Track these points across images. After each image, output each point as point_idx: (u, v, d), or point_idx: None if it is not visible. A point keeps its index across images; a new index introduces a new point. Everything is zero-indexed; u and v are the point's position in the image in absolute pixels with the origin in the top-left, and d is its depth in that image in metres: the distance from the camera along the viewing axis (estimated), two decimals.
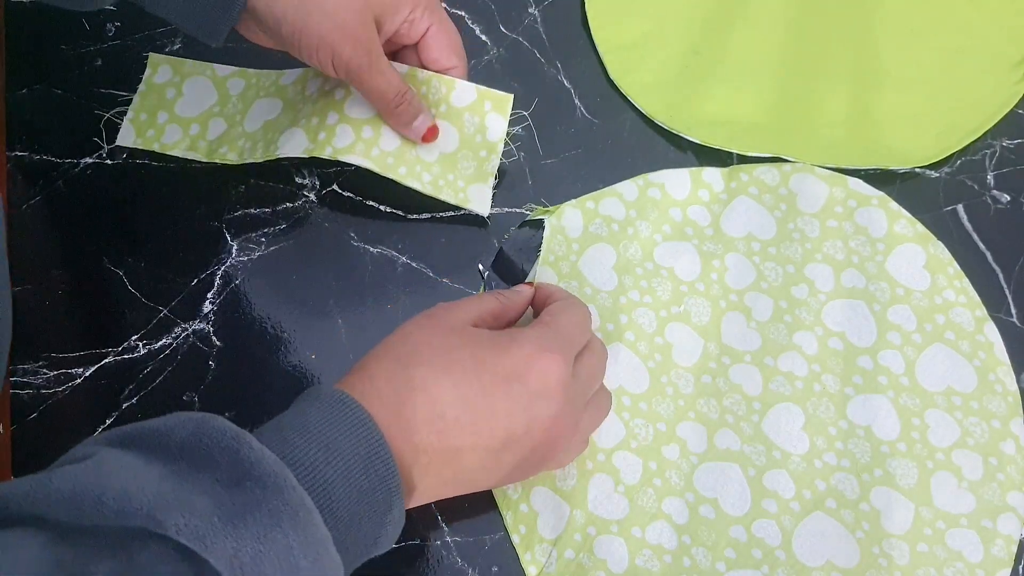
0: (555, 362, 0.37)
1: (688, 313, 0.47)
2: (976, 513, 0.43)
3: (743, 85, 0.54)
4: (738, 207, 0.50)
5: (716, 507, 0.43)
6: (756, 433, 0.45)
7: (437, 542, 0.43)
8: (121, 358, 0.47)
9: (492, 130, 0.49)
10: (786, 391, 0.46)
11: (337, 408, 0.34)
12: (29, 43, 0.57)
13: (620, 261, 0.49)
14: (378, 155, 0.48)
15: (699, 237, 0.49)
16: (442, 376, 0.36)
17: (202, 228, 0.50)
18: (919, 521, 0.43)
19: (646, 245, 0.49)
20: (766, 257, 0.49)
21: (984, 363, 0.46)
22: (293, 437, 0.32)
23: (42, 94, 0.55)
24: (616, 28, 0.56)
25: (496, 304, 0.42)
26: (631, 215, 0.50)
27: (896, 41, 0.55)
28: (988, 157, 0.52)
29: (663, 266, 0.48)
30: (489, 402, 0.36)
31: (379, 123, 0.48)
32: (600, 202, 0.50)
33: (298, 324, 0.48)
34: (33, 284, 0.49)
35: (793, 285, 0.48)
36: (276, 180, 0.52)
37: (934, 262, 0.48)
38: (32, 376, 0.46)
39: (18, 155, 0.53)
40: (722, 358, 0.46)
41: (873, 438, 0.44)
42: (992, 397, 0.45)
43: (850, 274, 0.48)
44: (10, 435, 0.45)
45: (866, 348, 0.46)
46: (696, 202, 0.50)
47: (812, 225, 0.49)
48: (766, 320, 0.47)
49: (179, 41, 0.56)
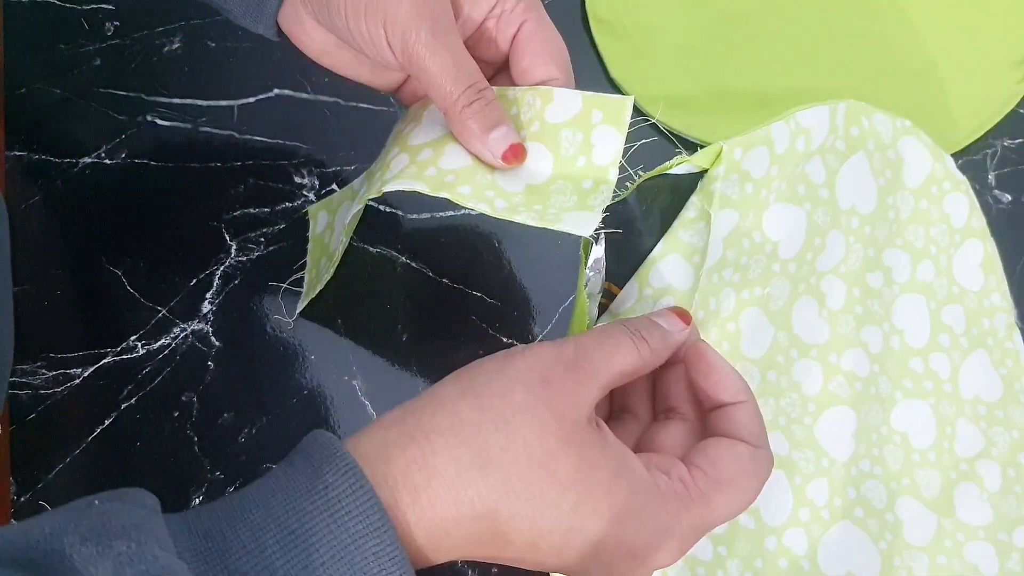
0: (660, 569, 0.29)
1: (769, 297, 0.40)
2: (993, 525, 0.41)
3: (744, 85, 0.54)
4: (853, 166, 0.42)
5: (757, 517, 0.41)
6: (807, 438, 0.41)
7: None
8: (120, 358, 0.47)
9: (601, 150, 0.35)
10: (843, 393, 0.42)
11: (348, 507, 0.26)
12: (28, 42, 0.56)
13: (735, 230, 0.38)
14: (434, 174, 0.35)
15: (812, 200, 0.40)
16: (522, 517, 0.27)
17: (201, 228, 0.50)
18: (941, 533, 0.41)
19: (760, 207, 0.39)
20: (859, 237, 0.42)
21: (1010, 371, 0.44)
22: (274, 551, 0.25)
23: (41, 93, 0.54)
24: (617, 28, 0.55)
25: (634, 360, 0.31)
26: (772, 172, 0.38)
27: (896, 41, 0.54)
28: (989, 157, 0.52)
29: (769, 239, 0.39)
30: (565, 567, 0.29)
31: (442, 142, 0.36)
32: (749, 151, 0.37)
33: (297, 324, 0.48)
34: (31, 284, 0.49)
35: (870, 271, 0.43)
36: (275, 180, 0.51)
37: (989, 262, 0.45)
38: (31, 376, 0.46)
39: (17, 155, 0.52)
40: (790, 351, 0.42)
41: (907, 445, 0.42)
42: (1016, 407, 0.43)
43: (925, 266, 0.44)
44: (8, 436, 0.45)
45: (919, 349, 0.43)
46: (820, 151, 0.40)
47: (907, 203, 0.44)
48: (838, 309, 0.42)
49: (178, 40, 0.55)
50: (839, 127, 0.41)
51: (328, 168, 0.52)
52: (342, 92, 0.53)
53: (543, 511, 0.27)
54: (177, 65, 0.54)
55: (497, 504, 0.27)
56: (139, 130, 0.53)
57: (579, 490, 0.28)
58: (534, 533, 0.27)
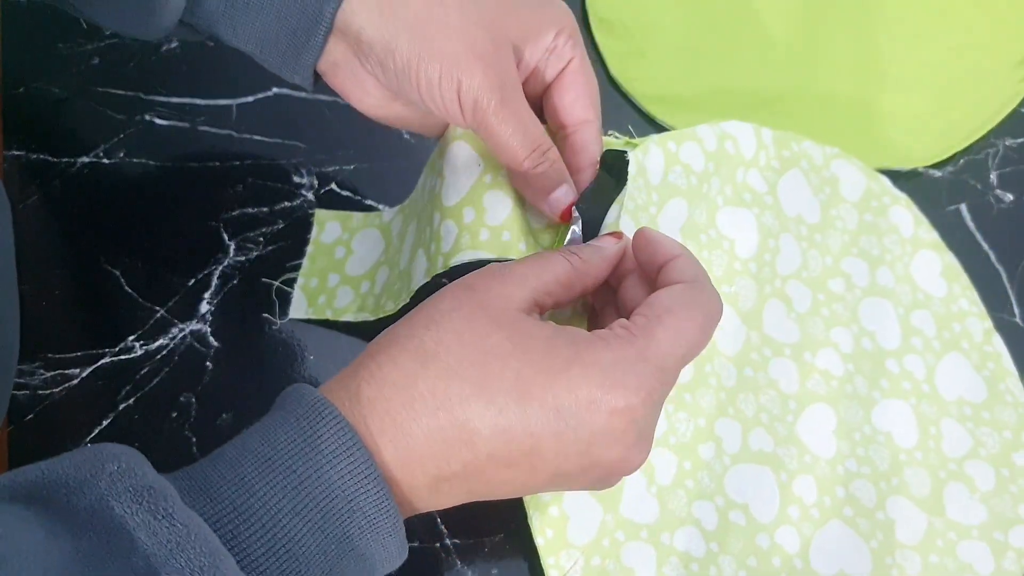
0: (628, 413, 0.29)
1: (736, 295, 0.43)
2: (988, 525, 0.42)
3: (744, 84, 0.53)
4: (791, 180, 0.46)
5: (747, 513, 0.41)
6: (790, 435, 0.43)
7: (436, 544, 0.43)
8: (118, 359, 0.47)
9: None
10: (821, 391, 0.44)
11: (318, 429, 0.27)
12: (26, 42, 0.56)
13: (688, 223, 0.41)
14: (488, 238, 0.37)
15: (759, 205, 0.44)
16: (473, 397, 0.28)
17: (199, 228, 0.50)
18: (932, 532, 0.42)
19: (711, 208, 0.43)
20: (812, 244, 0.46)
21: (993, 373, 0.45)
22: (252, 476, 0.26)
23: (39, 93, 0.54)
24: (617, 27, 0.55)
25: (566, 269, 0.32)
26: (709, 168, 0.42)
27: (898, 41, 0.54)
28: (991, 156, 0.52)
29: (725, 236, 0.43)
30: (534, 441, 0.29)
31: (476, 196, 0.38)
32: (681, 145, 0.42)
33: (296, 325, 0.47)
34: (30, 284, 0.48)
35: (830, 278, 0.46)
36: (274, 179, 0.51)
37: (949, 270, 0.47)
38: (29, 377, 0.46)
39: (15, 154, 0.52)
40: (763, 349, 0.44)
41: (893, 445, 0.43)
42: (1003, 408, 0.44)
43: (883, 272, 0.46)
44: (7, 436, 0.45)
45: (892, 351, 0.45)
46: (755, 164, 0.45)
47: (852, 216, 0.47)
48: (805, 312, 0.45)
49: (176, 40, 0.55)
50: (768, 145, 0.45)
51: (327, 168, 0.51)
52: None
53: (492, 386, 0.28)
54: (175, 64, 0.54)
55: (447, 392, 0.28)
56: (137, 129, 0.53)
57: (519, 356, 0.29)
58: (492, 416, 0.28)
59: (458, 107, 0.35)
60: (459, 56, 0.34)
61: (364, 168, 0.51)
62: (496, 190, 0.38)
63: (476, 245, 0.36)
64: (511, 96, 0.35)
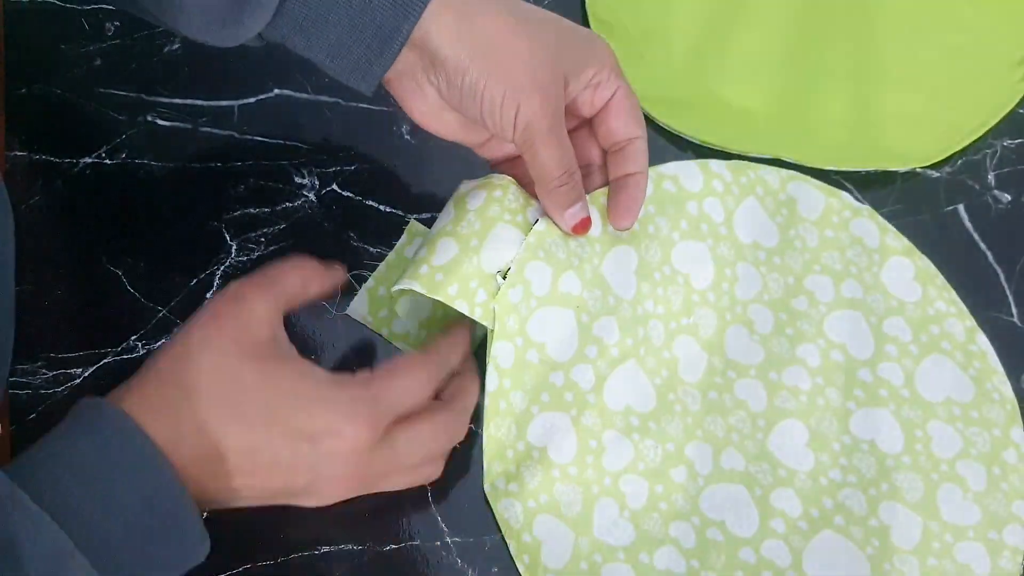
0: (355, 434, 0.35)
1: (696, 325, 0.45)
2: (982, 525, 0.42)
3: (743, 85, 0.54)
4: (747, 207, 0.48)
5: (723, 529, 0.42)
6: (761, 451, 0.44)
7: (436, 542, 0.43)
8: (120, 358, 0.47)
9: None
10: (790, 406, 0.44)
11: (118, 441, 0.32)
12: (28, 42, 0.56)
13: (641, 264, 0.45)
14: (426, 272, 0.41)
15: (714, 236, 0.47)
16: (230, 422, 0.34)
17: (201, 228, 0.50)
18: (928, 535, 0.42)
19: (664, 245, 0.46)
20: (771, 268, 0.47)
21: (979, 372, 0.45)
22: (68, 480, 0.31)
23: (41, 93, 0.54)
24: (617, 28, 0.56)
25: (296, 283, 0.39)
26: (649, 211, 0.46)
27: (896, 41, 0.55)
28: (989, 157, 0.52)
29: (680, 272, 0.46)
30: (272, 454, 0.35)
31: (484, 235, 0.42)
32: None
33: (297, 325, 0.48)
34: (32, 284, 0.49)
35: (793, 297, 0.47)
36: (275, 180, 0.51)
37: (923, 274, 0.48)
38: (31, 376, 0.46)
39: (18, 155, 0.53)
40: (727, 372, 0.45)
41: (877, 452, 0.44)
42: (991, 406, 0.45)
43: (849, 285, 0.47)
44: (9, 436, 0.45)
45: (865, 360, 0.46)
46: (711, 194, 0.48)
47: (811, 234, 0.48)
48: (768, 333, 0.46)
49: (178, 40, 0.55)
50: (720, 173, 0.48)
51: (329, 168, 0.52)
52: (342, 92, 0.53)
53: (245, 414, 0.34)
54: (177, 65, 0.55)
55: (207, 417, 0.34)
56: (139, 130, 0.53)
57: (270, 388, 0.35)
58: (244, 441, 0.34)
59: (512, 126, 0.39)
60: (523, 84, 0.38)
61: (365, 169, 0.51)
62: (447, 238, 0.42)
63: (414, 276, 0.41)
64: (557, 123, 0.40)
